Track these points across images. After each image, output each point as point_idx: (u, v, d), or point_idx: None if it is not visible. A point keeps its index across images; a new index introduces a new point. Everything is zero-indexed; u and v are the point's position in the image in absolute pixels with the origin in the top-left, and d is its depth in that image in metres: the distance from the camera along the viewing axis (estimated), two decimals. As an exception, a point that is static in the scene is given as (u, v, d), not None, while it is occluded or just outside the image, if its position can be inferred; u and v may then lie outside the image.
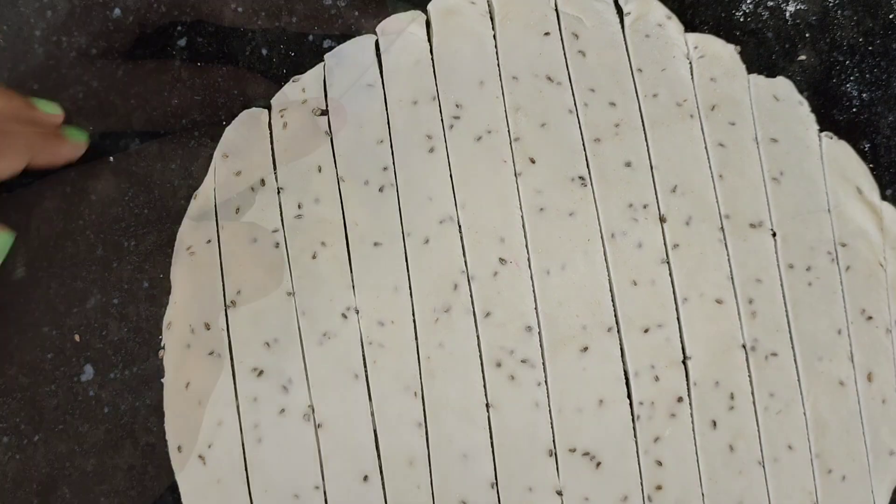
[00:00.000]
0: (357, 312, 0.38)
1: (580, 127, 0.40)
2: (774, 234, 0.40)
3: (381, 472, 0.37)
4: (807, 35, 0.41)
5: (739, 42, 0.41)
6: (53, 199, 0.38)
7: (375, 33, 0.40)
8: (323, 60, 0.40)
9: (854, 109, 0.41)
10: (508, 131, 0.39)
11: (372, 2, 0.40)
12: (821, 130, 0.41)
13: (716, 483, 0.38)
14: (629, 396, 0.38)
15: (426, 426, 0.38)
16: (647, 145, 0.40)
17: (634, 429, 0.38)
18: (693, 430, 0.38)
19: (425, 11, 0.40)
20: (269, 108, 0.39)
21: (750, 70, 0.41)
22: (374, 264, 0.38)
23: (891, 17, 0.42)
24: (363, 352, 0.38)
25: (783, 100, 0.41)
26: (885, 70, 0.41)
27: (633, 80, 0.40)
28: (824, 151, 0.40)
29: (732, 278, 0.39)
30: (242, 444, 0.37)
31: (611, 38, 0.40)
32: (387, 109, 0.39)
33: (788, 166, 0.40)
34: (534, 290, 0.38)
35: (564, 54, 0.40)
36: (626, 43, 0.40)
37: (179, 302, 0.38)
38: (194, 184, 0.39)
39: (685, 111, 0.40)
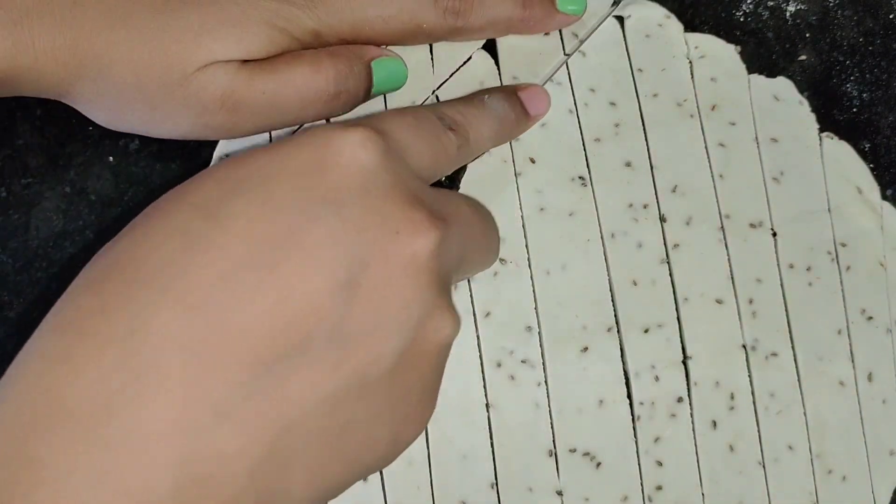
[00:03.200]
0: (357, 312, 0.38)
1: (580, 127, 0.40)
2: (774, 234, 0.40)
3: (380, 472, 0.37)
4: (807, 35, 0.41)
5: (739, 42, 0.41)
6: (53, 199, 0.38)
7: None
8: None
9: (854, 109, 0.41)
10: (508, 131, 0.39)
11: (372, 2, 0.40)
12: (821, 130, 0.41)
13: (716, 483, 0.38)
14: (629, 396, 0.38)
15: (426, 426, 0.37)
16: (647, 145, 0.40)
17: (634, 429, 0.38)
18: (693, 431, 0.38)
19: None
20: (268, 108, 0.39)
21: (750, 70, 0.41)
22: (373, 264, 0.38)
23: (891, 17, 0.42)
24: (363, 352, 0.38)
25: (783, 100, 0.41)
26: (885, 70, 0.41)
27: (633, 80, 0.40)
28: (824, 151, 0.40)
29: (732, 278, 0.39)
30: (242, 445, 0.37)
31: (611, 39, 0.40)
32: (386, 109, 0.39)
33: (788, 166, 0.40)
34: (534, 290, 0.38)
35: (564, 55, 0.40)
36: (625, 43, 0.40)
37: (179, 302, 0.38)
38: (194, 184, 0.39)
39: (685, 111, 0.40)
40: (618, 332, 0.38)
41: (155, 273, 0.27)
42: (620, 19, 0.41)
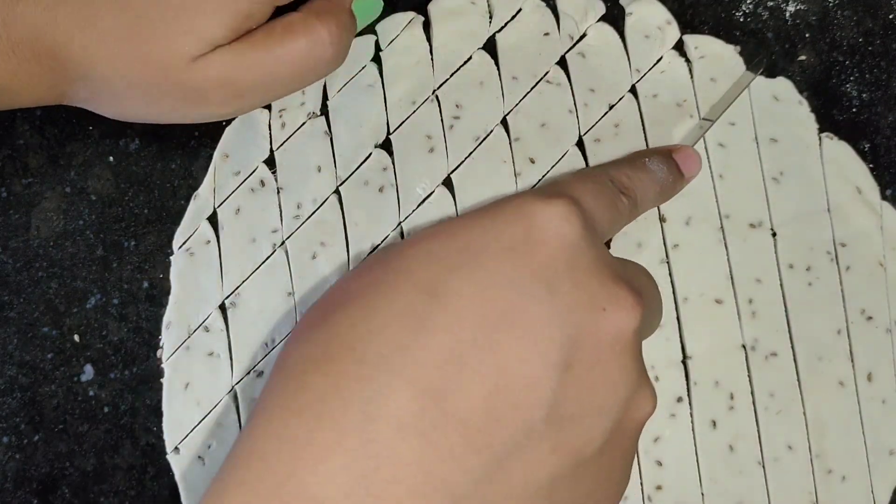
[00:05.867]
0: (357, 312, 0.38)
1: (580, 127, 0.40)
2: (774, 234, 0.40)
3: (380, 472, 0.37)
4: (807, 35, 0.41)
5: (739, 42, 0.41)
6: (53, 199, 0.38)
7: (375, 33, 0.40)
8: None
9: (854, 109, 0.41)
10: (508, 131, 0.39)
11: (372, 2, 0.40)
12: (821, 130, 0.41)
13: (716, 483, 0.38)
14: (629, 396, 0.38)
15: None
16: (647, 145, 0.40)
17: (634, 429, 0.38)
18: (693, 431, 0.38)
19: (426, 12, 0.40)
20: (269, 108, 0.39)
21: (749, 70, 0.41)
22: (373, 264, 0.38)
23: (891, 17, 0.42)
24: (363, 352, 0.38)
25: (783, 100, 0.41)
26: (885, 70, 0.41)
27: (633, 80, 0.40)
28: (824, 151, 0.40)
29: (732, 278, 0.39)
30: (242, 444, 0.37)
31: (610, 39, 0.40)
32: (386, 109, 0.39)
33: (788, 166, 0.40)
34: (533, 290, 0.38)
35: (564, 55, 0.40)
36: (625, 43, 0.40)
37: (179, 302, 0.38)
38: (194, 184, 0.39)
39: (685, 111, 0.40)
40: (617, 332, 0.38)
41: (385, 354, 0.27)
42: (621, 16, 0.41)
